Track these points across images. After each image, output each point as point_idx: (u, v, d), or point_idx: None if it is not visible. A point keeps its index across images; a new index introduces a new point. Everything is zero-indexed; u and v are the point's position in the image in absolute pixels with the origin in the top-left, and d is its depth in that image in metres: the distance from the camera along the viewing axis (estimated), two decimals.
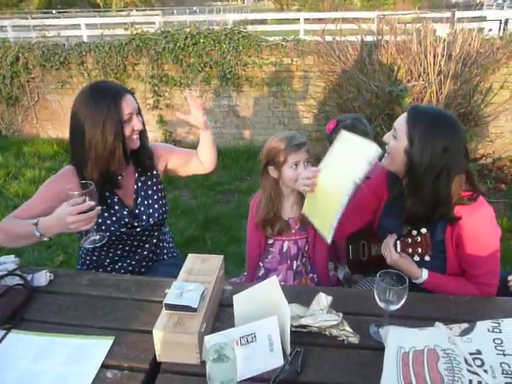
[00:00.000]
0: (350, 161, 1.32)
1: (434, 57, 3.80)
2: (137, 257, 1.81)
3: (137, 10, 24.48)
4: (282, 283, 1.75)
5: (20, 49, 5.48)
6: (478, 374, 0.92)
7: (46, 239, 1.45)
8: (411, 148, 1.38)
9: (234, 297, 1.23)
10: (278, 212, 1.76)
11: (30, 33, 7.47)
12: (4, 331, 1.26)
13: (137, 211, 1.74)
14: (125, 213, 1.70)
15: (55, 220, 1.39)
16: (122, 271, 1.80)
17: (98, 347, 1.21)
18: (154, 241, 1.84)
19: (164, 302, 1.19)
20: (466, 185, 1.42)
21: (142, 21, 10.59)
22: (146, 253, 1.83)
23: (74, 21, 9.91)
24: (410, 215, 1.45)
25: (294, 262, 1.83)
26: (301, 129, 5.12)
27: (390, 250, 1.46)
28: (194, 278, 1.32)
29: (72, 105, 1.61)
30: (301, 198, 1.73)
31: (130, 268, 1.81)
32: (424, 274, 1.45)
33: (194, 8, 23.11)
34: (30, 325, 1.30)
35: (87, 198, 1.36)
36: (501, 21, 7.08)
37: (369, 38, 4.32)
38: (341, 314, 1.23)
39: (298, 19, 10.06)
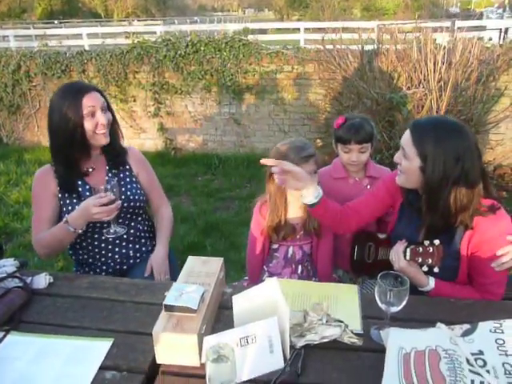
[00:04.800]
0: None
1: (434, 64, 3.81)
2: (116, 249, 1.82)
3: (138, 20, 24.71)
4: None
5: (22, 57, 5.53)
6: (480, 375, 0.91)
7: (80, 231, 1.65)
8: (425, 165, 1.36)
9: (234, 297, 1.22)
10: (284, 218, 1.74)
11: (32, 42, 7.51)
12: (3, 333, 1.25)
13: None
14: None
15: (81, 212, 1.59)
16: (110, 264, 1.83)
17: (97, 349, 1.20)
18: (132, 231, 1.84)
19: (163, 303, 1.18)
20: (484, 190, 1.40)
21: (144, 30, 10.70)
22: (124, 243, 1.83)
23: (75, 30, 10.02)
24: (430, 228, 1.43)
25: (299, 266, 1.82)
26: (301, 136, 5.13)
27: (399, 256, 1.43)
28: (194, 280, 1.31)
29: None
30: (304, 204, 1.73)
31: (118, 260, 1.83)
32: (431, 283, 1.43)
33: (195, 18, 23.35)
34: (28, 327, 1.29)
35: (109, 193, 1.56)
36: (501, 30, 7.13)
37: (369, 47, 4.35)
38: (343, 324, 1.21)
39: (299, 29, 10.18)
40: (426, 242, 1.38)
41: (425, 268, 1.40)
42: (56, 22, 23.70)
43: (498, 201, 1.43)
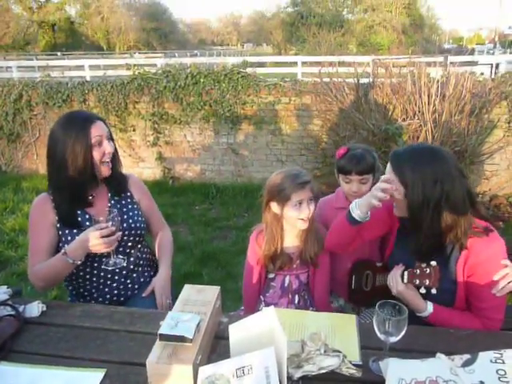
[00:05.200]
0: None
1: (429, 97, 3.89)
2: (115, 278, 1.78)
3: (139, 53, 25.29)
4: None
5: (24, 87, 5.61)
6: None
7: (78, 262, 1.59)
8: (407, 191, 1.40)
9: (230, 326, 1.20)
10: (280, 247, 1.74)
11: (34, 73, 7.67)
12: None
13: None
14: None
15: (80, 243, 1.55)
16: (107, 295, 1.78)
17: (89, 380, 1.17)
18: (131, 259, 1.82)
19: (158, 332, 1.16)
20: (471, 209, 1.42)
21: (145, 62, 10.94)
22: (124, 272, 1.79)
23: (77, 62, 10.24)
24: (416, 249, 1.45)
25: (296, 295, 1.80)
26: (299, 166, 5.17)
27: (397, 280, 1.45)
28: (190, 309, 1.29)
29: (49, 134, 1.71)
30: (302, 232, 1.73)
31: (115, 292, 1.78)
32: (429, 307, 1.43)
33: (195, 52, 23.91)
34: (19, 356, 1.26)
35: (110, 223, 1.53)
36: (492, 65, 7.35)
37: (365, 80, 4.45)
38: (341, 354, 1.19)
39: (296, 62, 10.44)
40: (423, 264, 1.40)
41: (422, 290, 1.40)
42: (59, 53, 24.23)
43: (491, 223, 1.45)
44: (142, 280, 1.86)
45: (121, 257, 1.71)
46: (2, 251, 3.80)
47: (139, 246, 1.87)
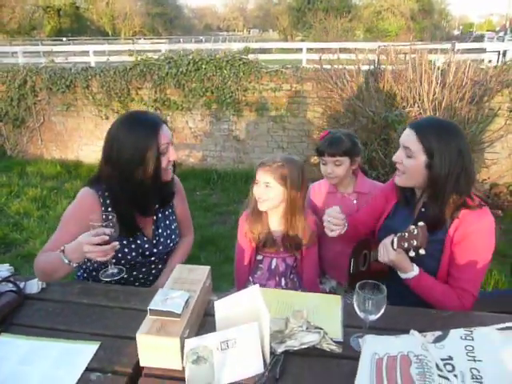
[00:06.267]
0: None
1: (429, 84, 3.90)
2: (142, 281, 1.79)
3: (144, 39, 25.18)
4: None
5: (28, 72, 5.67)
6: (448, 379, 0.94)
7: (74, 265, 1.46)
8: (432, 161, 1.44)
9: (216, 303, 1.26)
10: (266, 228, 1.81)
11: (39, 59, 7.70)
12: None
13: (154, 241, 1.75)
14: (144, 241, 1.72)
15: (76, 245, 1.42)
16: None
17: (84, 351, 1.23)
18: (160, 266, 1.83)
19: (148, 307, 1.22)
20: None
21: (149, 48, 10.91)
22: (151, 278, 1.81)
23: (82, 48, 10.26)
24: (427, 220, 1.45)
25: (282, 279, 1.86)
26: (299, 153, 5.21)
27: (387, 248, 1.46)
28: (180, 287, 1.35)
29: (107, 133, 1.61)
30: (284, 217, 1.79)
31: None
32: (415, 269, 1.47)
33: (200, 37, 23.76)
34: (19, 329, 1.33)
35: (108, 230, 1.40)
36: (499, 52, 7.25)
37: (366, 67, 4.45)
38: (322, 331, 1.25)
39: (301, 49, 10.37)
40: (412, 227, 1.39)
41: (411, 253, 1.40)
42: (64, 39, 24.17)
43: (485, 201, 1.50)
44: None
45: (119, 266, 1.56)
46: (7, 234, 3.90)
47: (160, 266, 1.82)
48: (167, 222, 1.80)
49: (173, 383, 1.13)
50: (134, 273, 1.74)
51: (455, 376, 0.95)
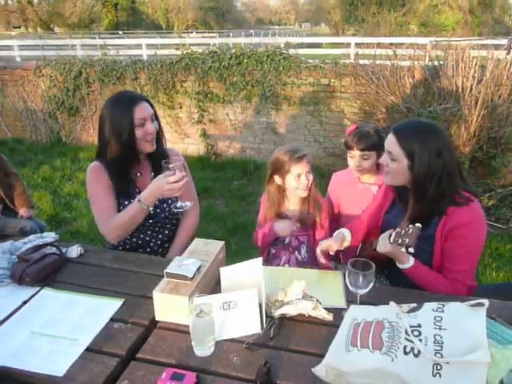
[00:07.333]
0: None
1: (466, 81, 3.87)
2: (151, 244, 2.03)
3: (196, 32, 25.73)
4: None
5: (83, 65, 6.08)
6: (412, 342, 1.07)
7: (150, 209, 1.81)
8: (413, 164, 1.53)
9: (221, 269, 1.44)
10: (280, 211, 2.00)
11: (96, 51, 8.18)
12: (39, 287, 1.54)
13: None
14: None
15: (153, 189, 1.74)
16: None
17: (110, 305, 1.45)
18: (166, 232, 2.06)
19: (165, 270, 1.42)
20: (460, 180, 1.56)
21: (200, 42, 11.23)
22: (159, 242, 2.05)
23: (136, 41, 10.73)
24: (414, 216, 1.59)
25: (296, 252, 2.02)
26: (336, 147, 5.29)
27: (385, 241, 1.56)
28: (195, 257, 1.54)
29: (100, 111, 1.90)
30: (301, 199, 1.96)
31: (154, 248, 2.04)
32: (411, 260, 1.57)
33: (250, 31, 23.94)
34: (59, 285, 1.58)
35: (177, 171, 1.69)
36: None
37: (404, 63, 4.45)
38: (315, 298, 1.39)
39: (350, 44, 10.32)
40: (410, 225, 1.49)
41: (403, 249, 1.54)
42: (120, 32, 25.15)
43: (475, 195, 1.57)
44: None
45: (187, 202, 1.83)
46: (59, 212, 4.28)
47: (166, 232, 2.06)
48: None
49: (180, 335, 1.32)
50: (141, 236, 1.99)
51: (420, 340, 1.07)
